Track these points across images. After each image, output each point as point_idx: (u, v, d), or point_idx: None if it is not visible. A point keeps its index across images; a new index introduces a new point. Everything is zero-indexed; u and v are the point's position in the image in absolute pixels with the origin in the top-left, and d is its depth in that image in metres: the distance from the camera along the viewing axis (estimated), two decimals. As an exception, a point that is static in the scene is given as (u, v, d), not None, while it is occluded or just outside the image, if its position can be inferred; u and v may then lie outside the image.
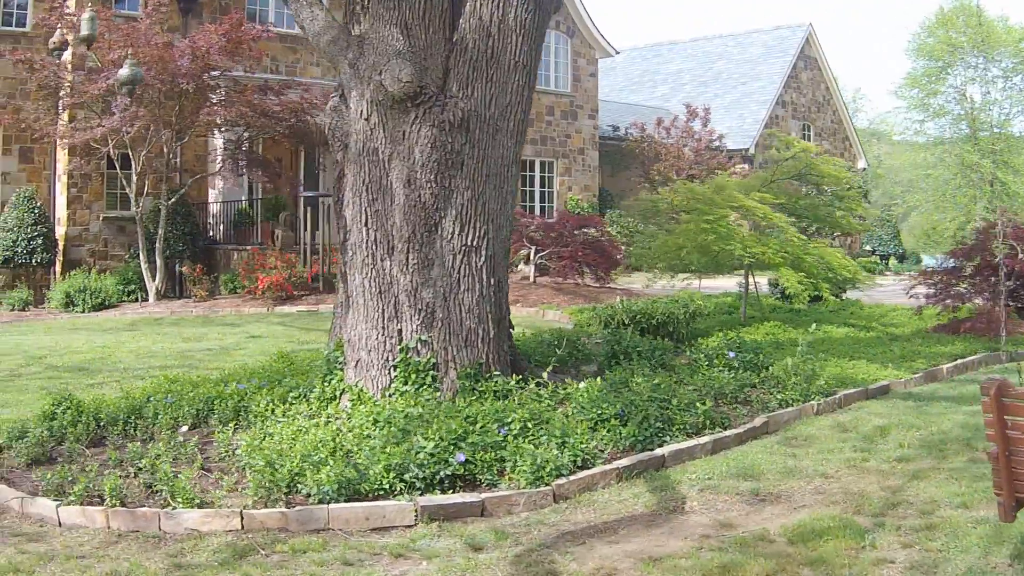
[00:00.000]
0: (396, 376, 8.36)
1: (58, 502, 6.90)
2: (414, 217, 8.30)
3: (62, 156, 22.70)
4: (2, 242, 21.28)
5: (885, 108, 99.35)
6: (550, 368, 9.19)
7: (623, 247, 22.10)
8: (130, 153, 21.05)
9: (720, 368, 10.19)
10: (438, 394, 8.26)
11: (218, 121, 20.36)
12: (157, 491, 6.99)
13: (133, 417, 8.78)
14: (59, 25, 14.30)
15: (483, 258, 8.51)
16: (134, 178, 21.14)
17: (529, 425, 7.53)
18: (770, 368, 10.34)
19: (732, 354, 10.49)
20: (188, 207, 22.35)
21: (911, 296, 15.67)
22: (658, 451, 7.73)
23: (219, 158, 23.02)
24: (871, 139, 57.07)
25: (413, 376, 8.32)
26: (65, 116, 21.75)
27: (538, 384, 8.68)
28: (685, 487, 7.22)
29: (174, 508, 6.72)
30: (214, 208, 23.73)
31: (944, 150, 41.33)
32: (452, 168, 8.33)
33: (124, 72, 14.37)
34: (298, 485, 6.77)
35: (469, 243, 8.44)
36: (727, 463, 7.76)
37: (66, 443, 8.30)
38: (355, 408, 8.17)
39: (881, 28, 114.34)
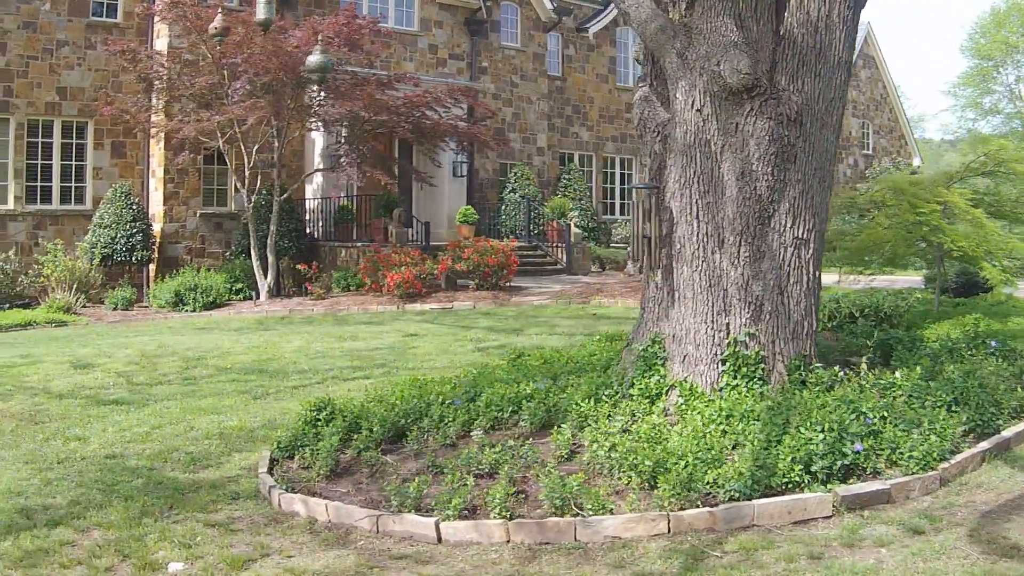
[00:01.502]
0: (725, 370, 7.99)
1: (436, 517, 6.28)
2: (747, 210, 8.07)
3: (156, 150, 21.94)
4: (100, 239, 20.50)
5: (928, 107, 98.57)
6: (865, 359, 8.82)
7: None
8: (242, 146, 20.29)
9: (982, 356, 9.82)
10: (767, 388, 7.91)
11: (330, 115, 19.63)
12: (536, 500, 6.44)
13: (426, 421, 8.08)
14: (219, 10, 13.51)
15: (811, 251, 8.28)
16: (246, 173, 20.42)
17: (885, 414, 7.29)
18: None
19: (994, 343, 10.25)
20: (292, 204, 21.64)
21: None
22: (1004, 433, 7.62)
23: (317, 155, 22.39)
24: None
25: (743, 370, 7.96)
26: (163, 109, 21.01)
27: (859, 375, 8.38)
28: (1050, 464, 7.06)
29: (585, 516, 6.15)
30: (311, 205, 23.02)
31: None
32: (787, 161, 8.15)
33: (315, 59, 13.59)
34: (693, 483, 6.38)
35: (800, 236, 8.20)
36: (1063, 442, 7.63)
37: (349, 451, 7.65)
38: (689, 404, 7.76)
39: (923, 27, 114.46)
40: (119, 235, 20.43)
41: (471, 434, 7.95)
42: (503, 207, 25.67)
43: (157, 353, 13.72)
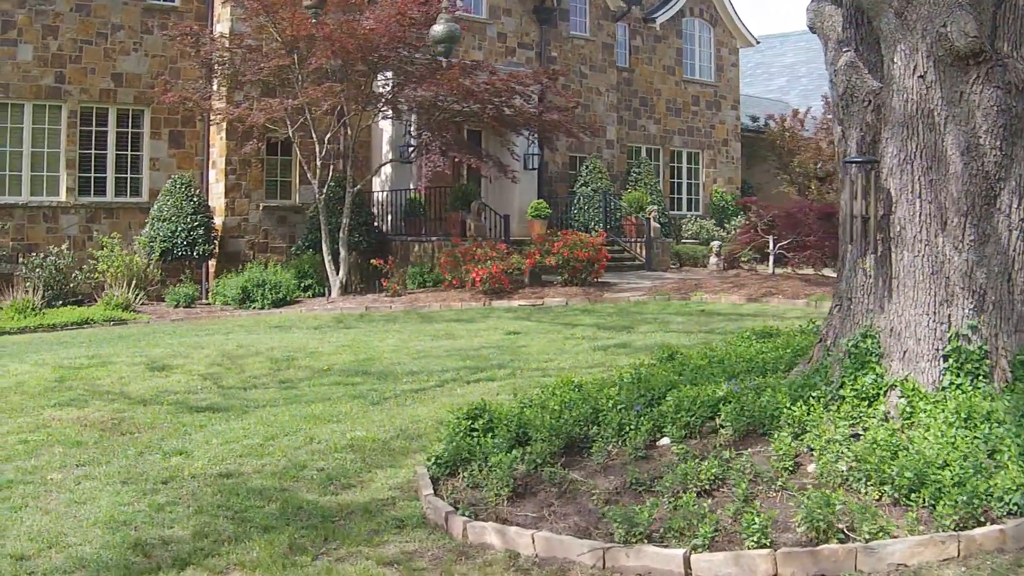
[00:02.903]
0: (948, 367, 7.06)
1: (683, 549, 5.28)
2: (973, 188, 7.20)
3: (217, 140, 20.99)
4: (159, 233, 19.52)
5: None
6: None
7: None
8: (313, 134, 19.30)
9: None
10: (991, 386, 7.01)
11: (410, 99, 18.62)
12: (777, 522, 5.50)
13: (599, 429, 7.05)
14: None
15: None
16: (317, 163, 19.42)
17: None
18: None
19: None
20: (362, 196, 20.64)
21: None
22: None
23: (385, 144, 21.44)
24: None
25: (967, 366, 7.04)
26: (225, 96, 20.06)
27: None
28: None
29: (866, 541, 5.20)
30: (379, 197, 22.03)
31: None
32: (1014, 135, 7.30)
33: (440, 28, 12.52)
34: (977, 498, 5.54)
35: None
36: None
37: (520, 466, 6.58)
38: (914, 405, 6.81)
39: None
40: (180, 229, 19.46)
41: (657, 444, 6.96)
42: (575, 200, 24.62)
43: (239, 353, 12.70)
